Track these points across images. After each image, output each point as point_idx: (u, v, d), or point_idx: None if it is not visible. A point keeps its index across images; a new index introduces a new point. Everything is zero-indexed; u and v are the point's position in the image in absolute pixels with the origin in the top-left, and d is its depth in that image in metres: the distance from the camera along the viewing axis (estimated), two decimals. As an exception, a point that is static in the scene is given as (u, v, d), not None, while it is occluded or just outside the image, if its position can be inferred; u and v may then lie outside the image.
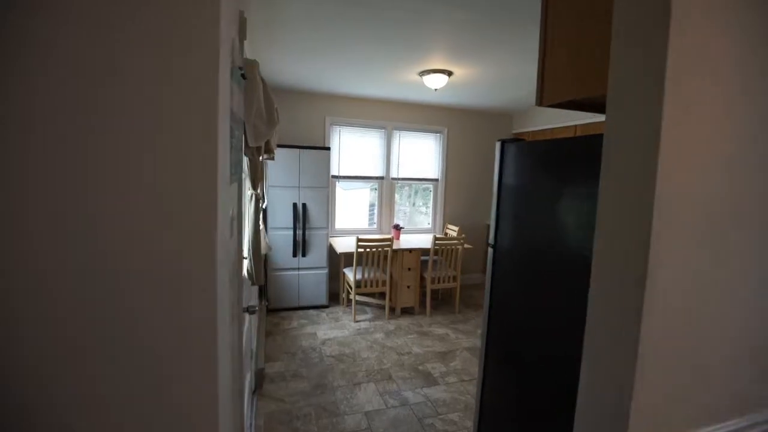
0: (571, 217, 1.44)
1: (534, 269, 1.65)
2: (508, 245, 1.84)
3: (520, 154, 1.78)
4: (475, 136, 5.24)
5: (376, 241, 3.77)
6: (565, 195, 1.48)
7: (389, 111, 4.77)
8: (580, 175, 1.39)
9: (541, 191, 1.61)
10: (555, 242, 1.51)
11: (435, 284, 4.11)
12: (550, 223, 1.54)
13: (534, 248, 1.64)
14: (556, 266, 1.51)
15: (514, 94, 4.13)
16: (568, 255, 1.45)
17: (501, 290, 1.88)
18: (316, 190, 4.04)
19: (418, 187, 5.22)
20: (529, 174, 1.72)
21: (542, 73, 1.37)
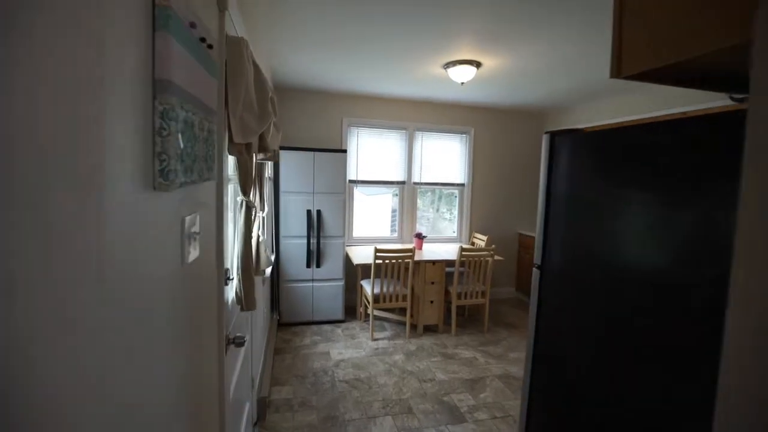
0: (667, 234, 1.05)
1: (602, 302, 1.26)
2: (560, 268, 1.45)
3: (578, 150, 1.39)
4: (505, 137, 4.83)
5: (396, 252, 3.43)
6: (653, 203, 1.09)
7: (411, 110, 4.44)
8: (686, 175, 1.00)
9: (613, 199, 1.22)
10: (634, 267, 1.12)
11: (461, 300, 3.72)
12: (626, 241, 1.15)
13: (602, 273, 1.26)
14: (636, 299, 1.12)
15: (550, 87, 3.71)
16: (654, 285, 1.06)
17: (552, 325, 1.49)
18: (331, 195, 3.75)
19: (442, 192, 4.84)
20: (590, 176, 1.34)
21: (619, 34, 1.00)
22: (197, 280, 0.99)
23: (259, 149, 1.56)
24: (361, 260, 3.59)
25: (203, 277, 1.05)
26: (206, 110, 0.95)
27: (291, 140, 4.13)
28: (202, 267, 1.03)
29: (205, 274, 1.09)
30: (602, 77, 3.25)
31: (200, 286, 1.02)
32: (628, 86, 3.54)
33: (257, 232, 1.92)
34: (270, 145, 1.64)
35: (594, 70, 3.06)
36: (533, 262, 1.56)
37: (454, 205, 4.86)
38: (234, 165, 1.41)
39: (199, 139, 0.90)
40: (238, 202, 1.47)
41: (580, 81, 3.40)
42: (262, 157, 1.73)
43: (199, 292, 1.00)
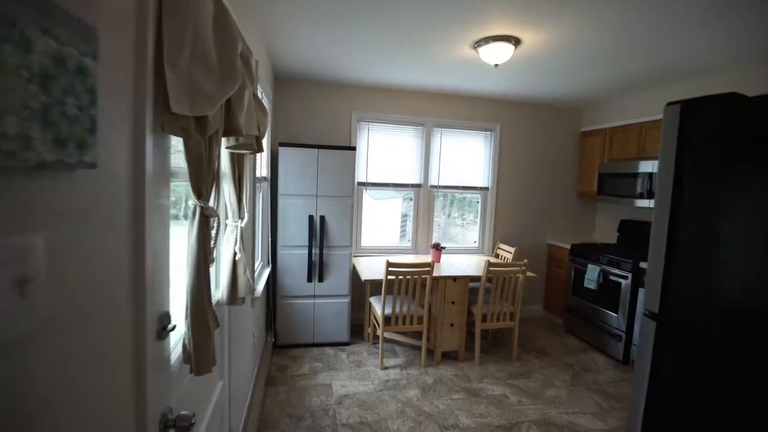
0: None
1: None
2: (693, 318, 0.92)
3: (734, 131, 0.87)
4: (534, 135, 4.29)
5: (412, 267, 2.92)
6: None
7: (429, 104, 3.94)
8: None
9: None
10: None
11: (486, 323, 3.18)
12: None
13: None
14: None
15: (592, 75, 3.18)
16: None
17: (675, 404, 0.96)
18: (337, 199, 3.25)
19: (454, 196, 4.31)
20: (761, 175, 0.81)
21: None
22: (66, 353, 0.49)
23: (226, 131, 1.07)
24: (371, 275, 3.09)
25: (92, 341, 0.56)
26: (68, 24, 0.47)
27: (292, 136, 3.66)
28: (81, 326, 0.53)
29: (100, 336, 0.60)
30: (654, 62, 2.71)
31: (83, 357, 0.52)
32: (668, 76, 2.99)
33: (234, 248, 1.43)
34: (245, 126, 1.15)
35: (652, 51, 2.52)
36: (645, 308, 1.03)
37: (466, 210, 4.32)
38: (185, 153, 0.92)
39: (51, 83, 0.42)
40: (191, 209, 0.98)
41: (628, 67, 2.86)
42: (233, 144, 1.25)
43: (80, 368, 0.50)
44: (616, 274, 3.36)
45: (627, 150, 3.72)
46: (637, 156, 3.61)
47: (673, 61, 2.72)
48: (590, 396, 2.78)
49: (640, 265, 3.18)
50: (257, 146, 1.46)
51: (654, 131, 3.45)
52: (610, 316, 3.42)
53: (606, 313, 3.47)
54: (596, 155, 4.11)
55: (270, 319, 3.30)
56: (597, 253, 3.60)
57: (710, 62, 2.72)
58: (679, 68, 2.88)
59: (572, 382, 2.96)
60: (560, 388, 2.87)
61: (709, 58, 2.63)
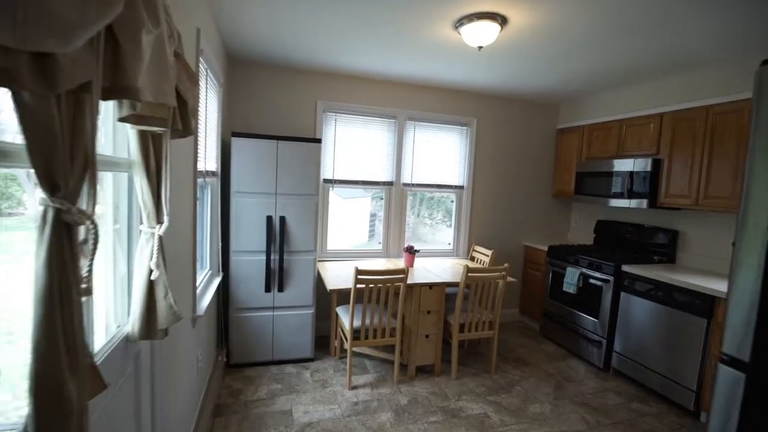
0: None
1: None
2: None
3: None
4: (511, 131, 4.09)
5: (384, 273, 2.60)
6: None
7: (402, 95, 3.64)
8: None
9: None
10: None
11: (464, 333, 2.92)
12: None
13: None
14: None
15: (582, 63, 2.99)
16: None
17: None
18: (300, 198, 2.88)
19: (431, 195, 4.05)
20: None
21: None
22: None
23: (110, 91, 0.70)
24: (338, 284, 2.74)
25: None
26: None
27: (248, 125, 3.24)
28: None
29: None
30: (641, 54, 2.55)
31: None
32: (652, 70, 2.85)
33: (149, 264, 1.05)
34: (149, 88, 0.78)
35: (641, 41, 2.34)
36: (723, 352, 0.77)
37: (435, 209, 4.06)
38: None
39: None
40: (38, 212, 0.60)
41: (613, 58, 2.69)
42: (130, 115, 0.87)
43: None
44: (597, 277, 3.21)
45: (606, 148, 3.59)
46: (616, 154, 3.48)
47: (660, 53, 2.56)
48: (575, 411, 2.58)
49: (623, 268, 3.03)
50: (182, 124, 1.08)
51: (634, 128, 3.32)
52: (590, 321, 3.26)
53: (586, 318, 3.31)
54: (573, 153, 3.97)
55: (221, 335, 2.88)
56: (576, 255, 3.44)
57: (698, 57, 2.58)
58: (663, 62, 2.73)
59: (555, 395, 2.76)
60: (543, 403, 2.65)
61: (698, 52, 2.49)
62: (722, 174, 2.67)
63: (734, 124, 2.61)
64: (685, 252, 3.20)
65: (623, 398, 2.78)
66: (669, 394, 2.68)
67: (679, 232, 3.24)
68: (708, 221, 3.04)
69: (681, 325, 2.61)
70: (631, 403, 2.71)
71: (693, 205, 2.85)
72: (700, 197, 2.81)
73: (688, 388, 2.57)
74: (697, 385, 2.51)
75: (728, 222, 2.90)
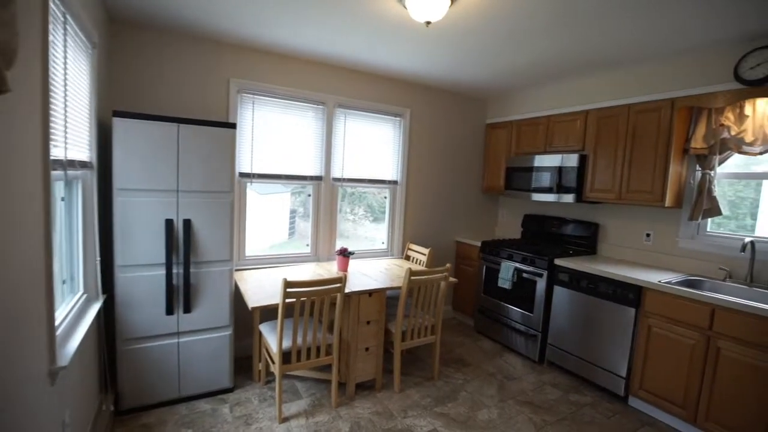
0: None
1: None
2: None
3: None
4: (444, 124, 3.96)
5: (318, 284, 2.22)
6: None
7: (332, 79, 3.25)
8: None
9: None
10: None
11: (407, 341, 2.69)
12: None
13: None
14: None
15: (521, 53, 2.92)
16: None
17: None
18: (210, 197, 2.35)
19: (345, 190, 3.75)
20: None
21: None
22: None
23: None
24: (261, 299, 2.29)
25: None
26: None
27: (139, 104, 2.58)
28: None
29: None
30: (581, 47, 2.54)
31: None
32: (587, 65, 2.92)
33: None
34: None
35: (584, 32, 2.31)
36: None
37: (357, 204, 3.77)
38: None
39: None
40: None
41: (553, 49, 2.65)
42: None
43: None
44: (531, 272, 3.22)
45: (535, 143, 3.64)
46: (544, 150, 3.54)
47: (586, 51, 2.57)
48: (521, 412, 2.51)
49: (555, 262, 3.06)
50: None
51: (561, 125, 3.39)
52: (525, 315, 3.27)
53: (521, 313, 3.31)
54: (503, 149, 3.98)
55: (105, 377, 2.24)
56: (510, 250, 3.43)
57: (622, 56, 2.65)
58: (589, 60, 2.78)
59: (499, 397, 2.67)
60: (490, 407, 2.54)
61: (622, 51, 2.54)
62: (643, 169, 2.81)
63: (653, 122, 2.75)
64: (604, 243, 3.37)
65: (561, 390, 2.80)
66: (601, 381, 2.76)
67: (600, 225, 3.40)
68: (624, 214, 3.22)
69: (611, 315, 2.69)
70: (568, 395, 2.74)
71: (616, 199, 2.98)
72: (623, 191, 2.93)
73: (618, 375, 2.66)
74: (627, 372, 2.61)
75: (643, 214, 3.10)
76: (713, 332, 2.19)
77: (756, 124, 2.41)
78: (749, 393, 2.06)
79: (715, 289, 2.52)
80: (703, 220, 2.74)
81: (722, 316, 2.15)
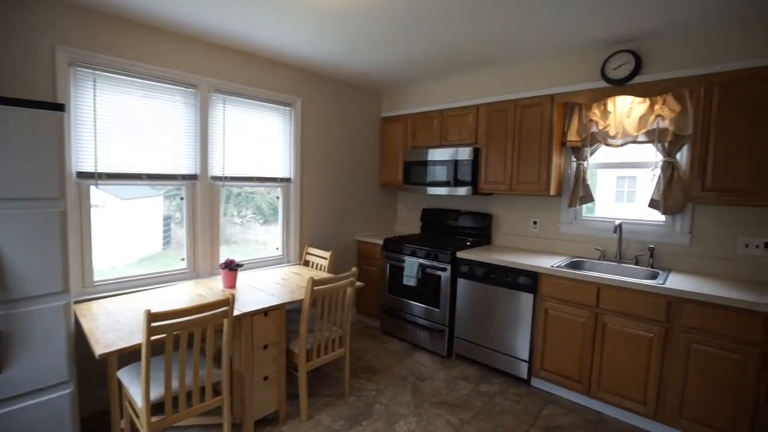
0: None
1: None
2: None
3: None
4: (339, 116, 3.70)
5: (196, 311, 1.76)
6: None
7: (207, 58, 2.71)
8: None
9: None
10: None
11: (314, 360, 2.37)
12: None
13: None
14: None
15: (417, 42, 2.81)
16: None
17: None
18: (27, 207, 1.68)
19: (230, 191, 3.28)
20: None
21: None
22: None
23: None
24: (114, 343, 1.72)
25: None
26: None
27: None
28: None
29: None
30: (473, 40, 2.54)
31: None
32: (488, 59, 2.99)
33: None
34: None
35: (481, 24, 2.28)
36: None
37: (243, 205, 3.31)
38: None
39: None
40: None
41: (448, 41, 2.61)
42: None
43: None
44: (435, 266, 3.18)
45: (430, 137, 3.62)
46: (440, 143, 3.54)
47: (478, 45, 2.60)
48: (438, 415, 2.41)
49: (458, 255, 3.07)
50: None
51: (454, 119, 3.42)
52: (432, 311, 3.23)
53: (427, 309, 3.26)
54: (399, 143, 3.90)
55: None
56: (413, 246, 3.35)
57: (510, 51, 2.74)
58: (480, 54, 2.82)
59: (415, 402, 2.54)
60: (408, 417, 2.38)
61: (510, 47, 2.62)
62: (530, 161, 2.97)
63: (537, 117, 2.91)
64: (498, 233, 3.52)
65: (471, 383, 2.80)
66: (507, 367, 2.85)
67: (493, 216, 3.55)
68: (514, 204, 3.41)
69: (512, 302, 2.78)
70: (479, 386, 2.76)
71: (508, 190, 3.11)
72: (513, 183, 3.07)
73: (521, 359, 2.76)
74: (529, 355, 2.72)
75: (530, 203, 3.31)
76: (600, 309, 2.38)
77: (617, 119, 2.71)
78: (629, 359, 2.28)
79: (593, 268, 2.78)
80: (579, 206, 3.02)
81: (606, 293, 2.34)
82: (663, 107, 2.50)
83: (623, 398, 2.32)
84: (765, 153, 2.08)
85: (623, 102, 2.68)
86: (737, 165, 2.15)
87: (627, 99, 2.66)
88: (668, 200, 2.54)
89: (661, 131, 2.55)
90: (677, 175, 2.52)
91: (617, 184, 3.23)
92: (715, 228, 2.47)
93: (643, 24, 2.23)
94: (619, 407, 2.36)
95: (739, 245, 2.39)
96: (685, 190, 2.49)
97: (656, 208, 2.60)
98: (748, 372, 1.93)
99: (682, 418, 2.14)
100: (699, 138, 2.27)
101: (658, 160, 2.60)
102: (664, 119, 2.52)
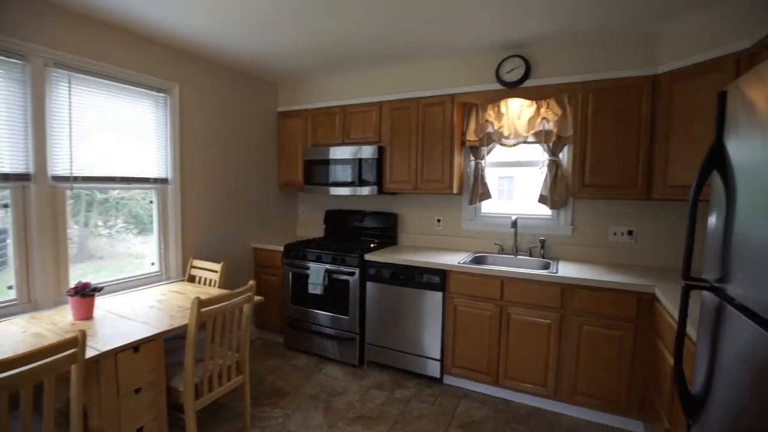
0: None
1: None
2: None
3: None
4: (228, 108, 3.25)
5: (26, 361, 1.26)
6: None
7: (43, 22, 2.06)
8: None
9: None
10: None
11: (205, 395, 1.96)
12: None
13: None
14: None
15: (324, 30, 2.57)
16: None
17: None
18: None
19: (93, 196, 2.66)
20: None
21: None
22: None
23: None
24: None
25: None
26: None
27: None
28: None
29: None
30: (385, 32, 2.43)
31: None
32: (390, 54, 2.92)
33: None
34: None
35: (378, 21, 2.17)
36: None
37: (112, 213, 2.72)
38: None
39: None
40: None
41: (358, 29, 2.45)
42: None
43: None
44: (343, 271, 2.99)
45: (332, 134, 3.42)
46: (343, 141, 3.37)
47: (380, 39, 2.50)
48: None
49: (365, 257, 2.93)
50: None
51: (358, 116, 3.28)
52: (340, 319, 3.03)
53: (335, 317, 3.05)
54: (299, 140, 3.61)
55: None
56: (316, 251, 3.11)
57: (418, 49, 2.70)
58: (382, 49, 2.73)
59: (328, 423, 2.31)
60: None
61: (418, 44, 2.58)
62: (433, 160, 2.98)
63: (439, 116, 2.94)
64: (403, 233, 3.49)
65: (385, 390, 2.69)
66: (420, 369, 2.80)
67: (399, 215, 3.50)
68: (419, 203, 3.41)
69: (422, 301, 2.74)
70: (393, 393, 2.65)
71: (413, 190, 3.08)
72: (418, 182, 3.05)
73: (433, 358, 2.74)
74: (441, 354, 2.72)
75: (434, 201, 3.34)
76: (504, 301, 2.47)
77: (510, 120, 2.88)
78: (532, 346, 2.41)
79: (495, 262, 2.91)
80: (479, 203, 3.14)
81: (509, 286, 2.44)
82: (548, 110, 2.72)
83: (527, 383, 2.45)
84: (626, 153, 2.38)
85: (515, 104, 2.86)
86: (608, 164, 2.44)
87: (518, 101, 2.83)
88: (554, 196, 2.78)
89: (546, 132, 2.77)
90: (560, 173, 2.77)
91: (499, 183, 3.47)
92: (591, 219, 2.78)
93: (529, 31, 2.38)
94: (524, 393, 2.48)
95: (609, 234, 2.72)
96: (567, 186, 2.75)
97: (544, 203, 2.83)
98: (626, 346, 2.18)
99: (576, 394, 2.32)
100: (578, 139, 2.52)
101: (545, 159, 2.83)
102: (548, 121, 2.75)
